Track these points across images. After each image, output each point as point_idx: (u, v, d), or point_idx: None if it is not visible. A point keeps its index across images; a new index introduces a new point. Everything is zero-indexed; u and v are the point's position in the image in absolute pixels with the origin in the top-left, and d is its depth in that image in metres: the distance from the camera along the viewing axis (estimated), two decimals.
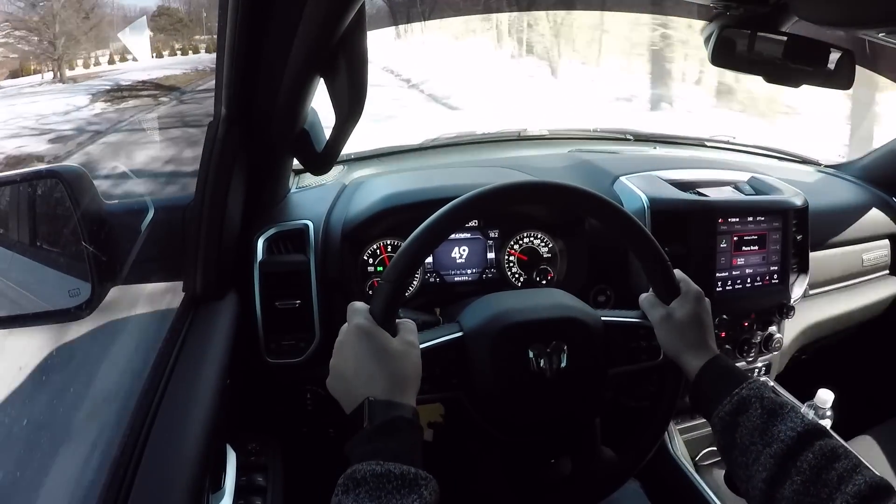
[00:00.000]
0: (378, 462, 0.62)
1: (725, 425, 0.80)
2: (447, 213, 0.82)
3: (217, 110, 0.94)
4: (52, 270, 0.88)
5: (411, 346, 0.77)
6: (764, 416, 0.77)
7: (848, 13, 0.91)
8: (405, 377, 0.73)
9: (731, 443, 0.79)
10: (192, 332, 0.93)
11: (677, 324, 0.89)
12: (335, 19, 0.78)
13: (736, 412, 0.79)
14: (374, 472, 0.62)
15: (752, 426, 0.77)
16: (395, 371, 0.73)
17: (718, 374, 0.85)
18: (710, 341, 0.89)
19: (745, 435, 0.77)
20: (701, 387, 0.86)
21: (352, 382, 0.73)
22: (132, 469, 0.69)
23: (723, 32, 1.10)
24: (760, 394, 0.79)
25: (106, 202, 0.91)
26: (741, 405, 0.79)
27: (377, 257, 1.22)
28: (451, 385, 0.87)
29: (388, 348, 0.74)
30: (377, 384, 0.71)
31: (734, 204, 1.33)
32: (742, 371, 0.86)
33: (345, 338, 0.75)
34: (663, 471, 1.29)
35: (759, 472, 0.74)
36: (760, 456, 0.74)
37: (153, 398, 0.79)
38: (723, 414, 0.80)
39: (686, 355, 0.88)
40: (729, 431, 0.79)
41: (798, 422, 0.75)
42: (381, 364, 0.72)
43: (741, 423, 0.78)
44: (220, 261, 0.99)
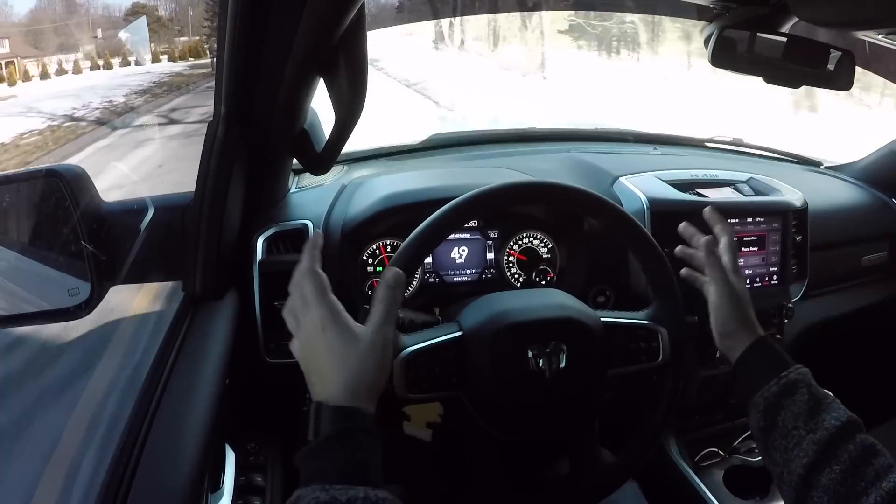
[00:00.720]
0: (323, 487, 0.56)
1: (770, 405, 0.80)
2: (446, 213, 0.82)
3: (217, 110, 0.94)
4: (52, 270, 0.88)
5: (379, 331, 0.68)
6: (811, 403, 0.77)
7: (848, 14, 0.91)
8: (367, 374, 0.66)
9: (772, 424, 0.79)
10: (192, 332, 0.93)
11: (736, 299, 0.90)
12: (335, 19, 0.78)
13: (782, 394, 0.80)
14: (317, 499, 0.55)
15: (798, 410, 0.78)
16: (351, 364, 0.65)
17: (766, 355, 0.86)
18: (755, 321, 0.90)
19: (789, 418, 0.78)
20: (747, 364, 0.87)
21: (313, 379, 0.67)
22: (131, 468, 0.69)
23: (723, 33, 1.10)
24: (808, 380, 0.80)
25: (105, 201, 0.91)
26: (788, 388, 0.80)
27: (377, 257, 1.22)
28: (450, 385, 0.87)
29: (353, 341, 0.66)
30: (330, 382, 0.65)
31: (733, 205, 1.33)
32: (787, 355, 0.86)
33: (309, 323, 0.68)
34: (662, 471, 1.29)
35: (799, 457, 0.74)
36: (803, 441, 0.75)
37: (152, 398, 0.79)
38: (768, 394, 0.81)
39: (736, 334, 0.89)
40: (772, 412, 0.80)
41: (842, 413, 0.76)
42: (341, 359, 0.65)
43: (787, 405, 0.79)
44: (219, 260, 0.99)
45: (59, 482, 0.96)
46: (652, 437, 0.96)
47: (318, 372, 0.66)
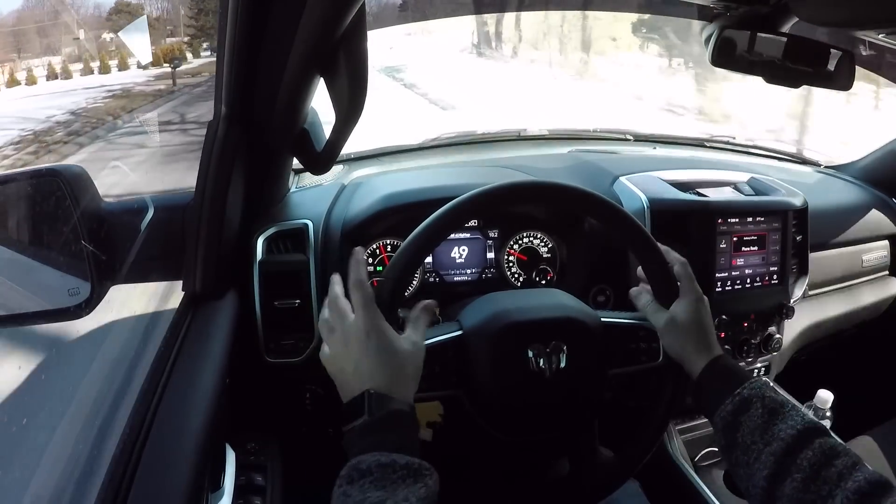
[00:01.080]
0: (382, 453, 0.63)
1: (727, 425, 0.80)
2: (446, 212, 0.82)
3: (217, 109, 0.94)
4: (52, 269, 0.88)
5: (416, 345, 0.77)
6: (765, 416, 0.78)
7: (848, 14, 0.91)
8: (406, 375, 0.74)
9: (732, 442, 0.80)
10: (192, 332, 0.93)
11: (681, 327, 0.89)
12: (335, 18, 0.78)
13: (737, 412, 0.80)
14: (378, 462, 0.62)
15: (754, 425, 0.78)
16: (397, 368, 0.73)
17: (720, 374, 0.85)
18: (712, 341, 0.89)
19: (747, 434, 0.78)
20: (703, 387, 0.86)
21: (353, 373, 0.73)
22: (132, 468, 0.69)
23: (723, 33, 1.10)
24: (762, 393, 0.80)
25: (105, 201, 0.91)
26: (742, 405, 0.80)
27: (377, 257, 1.22)
28: (450, 384, 0.87)
29: (394, 347, 0.74)
30: (378, 379, 0.71)
31: (734, 204, 1.33)
32: (744, 371, 0.86)
33: (352, 329, 0.74)
34: (662, 471, 1.29)
35: (759, 471, 0.75)
36: (761, 455, 0.75)
37: (152, 397, 0.79)
38: (724, 414, 0.81)
39: (690, 357, 0.88)
40: (730, 431, 0.80)
41: (798, 420, 0.76)
42: (384, 361, 0.72)
43: (742, 422, 0.79)
44: (219, 260, 0.99)
45: (59, 482, 0.96)
46: (652, 436, 0.96)
47: (358, 373, 0.72)
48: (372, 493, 0.60)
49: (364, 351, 0.72)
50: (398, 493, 0.61)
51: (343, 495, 0.61)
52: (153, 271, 1.02)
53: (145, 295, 1.43)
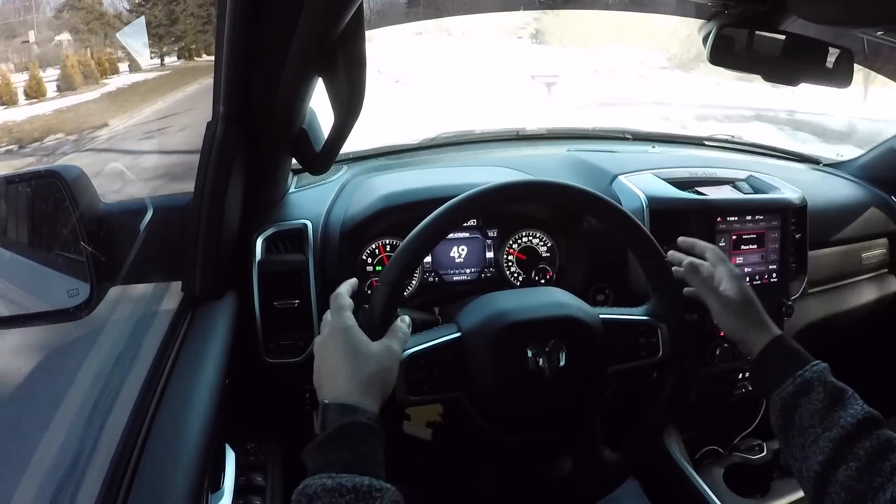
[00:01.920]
0: (329, 475, 0.60)
1: (786, 405, 0.81)
2: (445, 212, 0.82)
3: (216, 110, 0.94)
4: (51, 270, 0.88)
5: (389, 350, 0.76)
6: (826, 401, 0.78)
7: (846, 12, 0.91)
8: (369, 380, 0.71)
9: (789, 423, 0.80)
10: (191, 332, 0.93)
11: (738, 306, 0.92)
12: (333, 19, 0.78)
13: (798, 393, 0.80)
14: (324, 486, 0.60)
15: (814, 409, 0.78)
16: (360, 372, 0.71)
17: (782, 354, 0.87)
18: (768, 319, 0.91)
19: (805, 417, 0.79)
20: (763, 365, 0.88)
21: (322, 383, 0.73)
22: (131, 469, 0.69)
23: (721, 31, 1.10)
24: (824, 378, 0.81)
25: (104, 202, 0.91)
26: (804, 387, 0.80)
27: (376, 257, 1.22)
28: (450, 385, 0.87)
29: (360, 349, 0.73)
30: (338, 385, 0.70)
31: (733, 203, 1.33)
32: (806, 353, 0.87)
33: (325, 337, 0.75)
34: (662, 469, 1.29)
35: (815, 455, 0.75)
36: (819, 439, 0.76)
37: (152, 398, 0.79)
38: (784, 394, 0.81)
39: (751, 335, 0.90)
40: (788, 412, 0.81)
41: (858, 409, 0.77)
42: (347, 364, 0.71)
43: (802, 404, 0.79)
44: (218, 260, 0.99)
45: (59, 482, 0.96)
46: (652, 434, 0.96)
47: (329, 374, 0.72)
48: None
49: (331, 355, 0.73)
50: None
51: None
52: (152, 272, 1.02)
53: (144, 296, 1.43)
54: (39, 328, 0.84)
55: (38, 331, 0.85)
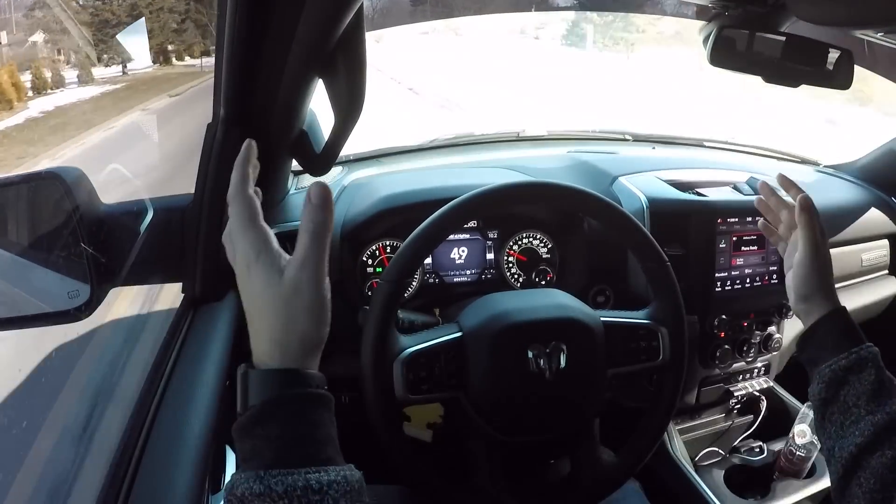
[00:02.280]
0: (258, 474, 0.47)
1: (835, 378, 0.79)
2: (445, 213, 0.82)
3: (216, 111, 0.94)
4: (51, 272, 0.88)
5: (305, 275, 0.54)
6: (876, 384, 0.77)
7: (846, 13, 0.91)
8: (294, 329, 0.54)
9: (833, 397, 0.79)
10: (192, 334, 0.93)
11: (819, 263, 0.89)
12: (334, 20, 0.78)
13: (850, 369, 0.79)
14: (251, 490, 0.47)
15: (862, 389, 0.77)
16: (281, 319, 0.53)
17: (840, 327, 0.84)
18: (834, 291, 0.89)
19: (852, 395, 0.77)
20: (818, 333, 0.85)
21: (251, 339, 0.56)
22: (132, 470, 0.69)
23: (721, 32, 1.10)
24: (878, 362, 0.79)
25: (105, 203, 0.91)
26: (857, 364, 0.79)
27: (376, 258, 1.22)
28: (449, 385, 0.87)
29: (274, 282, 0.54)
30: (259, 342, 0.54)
31: (733, 204, 1.33)
32: (862, 333, 0.85)
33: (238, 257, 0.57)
34: (663, 471, 1.29)
35: (853, 436, 0.74)
36: (861, 421, 0.75)
37: (153, 400, 0.79)
38: (836, 367, 0.80)
39: (811, 298, 0.88)
40: (835, 385, 0.79)
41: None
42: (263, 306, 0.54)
43: (851, 381, 0.78)
44: (219, 262, 0.99)
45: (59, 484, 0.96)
46: (653, 436, 0.96)
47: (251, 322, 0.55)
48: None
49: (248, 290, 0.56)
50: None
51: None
52: (153, 273, 1.01)
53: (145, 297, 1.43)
54: (39, 330, 0.84)
55: (38, 332, 0.85)
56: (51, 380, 1.15)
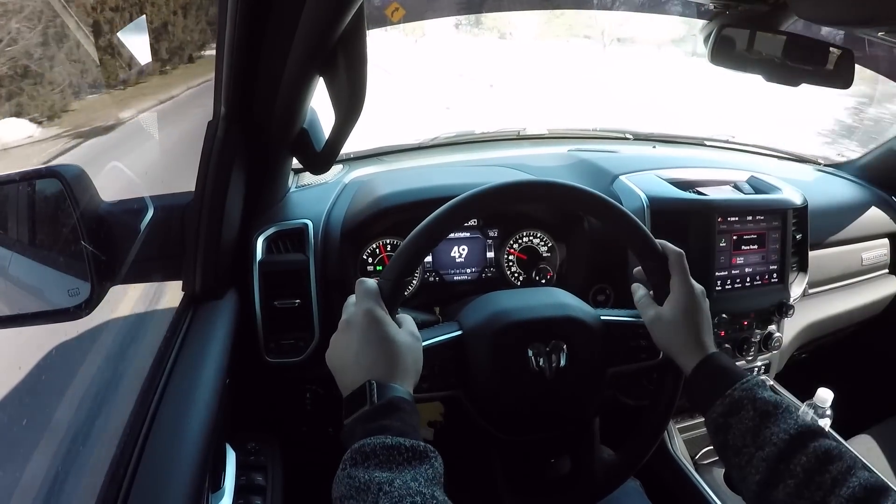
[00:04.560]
0: (386, 436, 0.63)
1: (718, 426, 0.78)
2: (445, 212, 0.82)
3: (216, 109, 0.94)
4: (52, 270, 0.88)
5: (416, 339, 0.77)
6: (756, 419, 0.75)
7: (847, 12, 0.91)
8: (406, 368, 0.73)
9: (723, 443, 0.78)
10: (192, 332, 0.93)
11: (669, 323, 0.86)
12: (335, 18, 0.77)
13: (728, 413, 0.77)
14: (384, 444, 0.62)
15: (745, 428, 0.75)
16: (398, 360, 0.72)
17: (712, 374, 0.82)
18: (706, 339, 0.86)
19: (738, 437, 0.76)
20: (694, 387, 0.84)
21: (354, 364, 0.73)
22: (132, 468, 0.69)
23: (722, 31, 1.10)
24: (753, 395, 0.77)
25: (105, 201, 0.91)
26: (733, 407, 0.77)
27: (377, 256, 1.22)
28: (450, 384, 0.87)
29: (396, 339, 0.74)
30: (380, 369, 0.71)
31: (733, 203, 1.33)
32: (738, 370, 0.83)
33: (353, 318, 0.75)
34: (663, 470, 1.29)
35: (752, 475, 0.73)
36: (753, 458, 0.73)
37: (152, 397, 0.79)
38: (715, 415, 0.79)
39: (681, 355, 0.86)
40: (721, 433, 0.78)
41: (791, 423, 0.73)
42: (385, 352, 0.72)
43: (733, 424, 0.77)
44: (219, 260, 0.99)
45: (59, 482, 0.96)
46: (653, 435, 0.96)
47: (358, 364, 0.72)
48: (378, 473, 0.59)
49: (365, 340, 0.73)
50: (405, 473, 0.60)
51: (347, 477, 0.60)
52: (153, 271, 1.02)
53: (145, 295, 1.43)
54: (40, 327, 0.84)
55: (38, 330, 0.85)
56: (51, 377, 1.15)
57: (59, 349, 1.15)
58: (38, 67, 2.92)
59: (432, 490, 0.60)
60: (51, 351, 1.14)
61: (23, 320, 0.83)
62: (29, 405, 1.08)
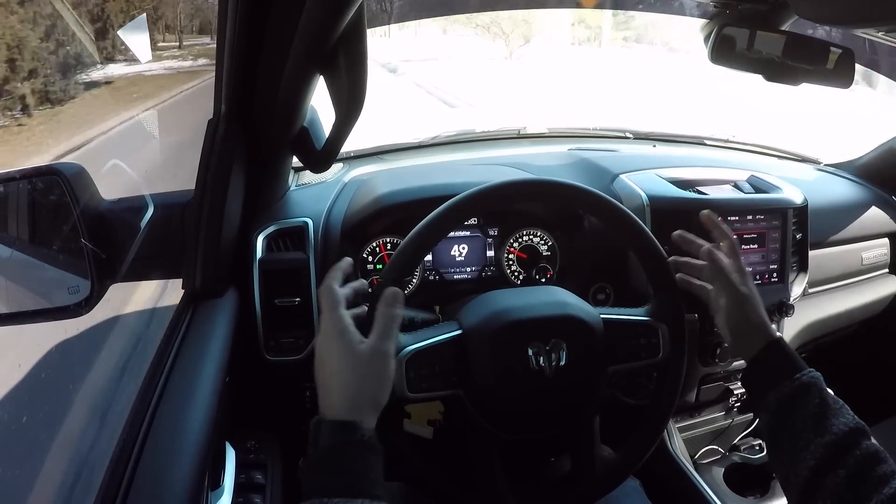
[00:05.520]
0: (322, 501, 0.60)
1: (781, 407, 0.81)
2: (446, 210, 0.82)
3: (217, 108, 0.94)
4: (52, 268, 0.88)
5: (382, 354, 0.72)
6: (821, 407, 0.78)
7: (847, 11, 0.91)
8: (363, 392, 0.69)
9: (782, 425, 0.80)
10: (192, 330, 0.93)
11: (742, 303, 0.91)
12: (335, 17, 0.78)
13: (794, 396, 0.80)
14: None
15: (808, 414, 0.78)
16: (353, 384, 0.69)
17: (780, 357, 0.86)
18: (767, 321, 0.91)
19: (799, 421, 0.79)
20: (760, 365, 0.87)
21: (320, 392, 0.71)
22: (131, 466, 0.69)
23: (722, 31, 1.10)
24: (821, 385, 0.81)
25: (105, 199, 0.91)
26: (801, 391, 0.80)
27: (377, 255, 1.22)
28: (450, 383, 0.87)
29: (353, 357, 0.70)
30: (332, 398, 0.69)
31: (734, 202, 1.33)
32: (801, 360, 0.86)
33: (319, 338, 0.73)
34: (662, 469, 1.29)
35: (806, 460, 0.75)
36: (811, 444, 0.76)
37: (152, 395, 0.79)
38: (781, 395, 0.81)
39: (747, 335, 0.90)
40: (783, 414, 0.81)
41: (850, 419, 0.77)
42: (340, 374, 0.69)
43: (798, 408, 0.79)
44: (219, 258, 0.99)
45: (59, 479, 0.96)
46: (653, 434, 0.96)
47: (325, 385, 0.70)
48: None
49: (328, 358, 0.71)
50: None
51: None
52: (153, 269, 1.02)
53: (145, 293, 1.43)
54: (40, 325, 0.84)
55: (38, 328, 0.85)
56: (51, 375, 1.15)
57: (59, 347, 1.15)
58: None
59: None
60: (51, 349, 1.14)
61: (23, 318, 0.83)
62: (29, 403, 1.08)
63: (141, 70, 3.34)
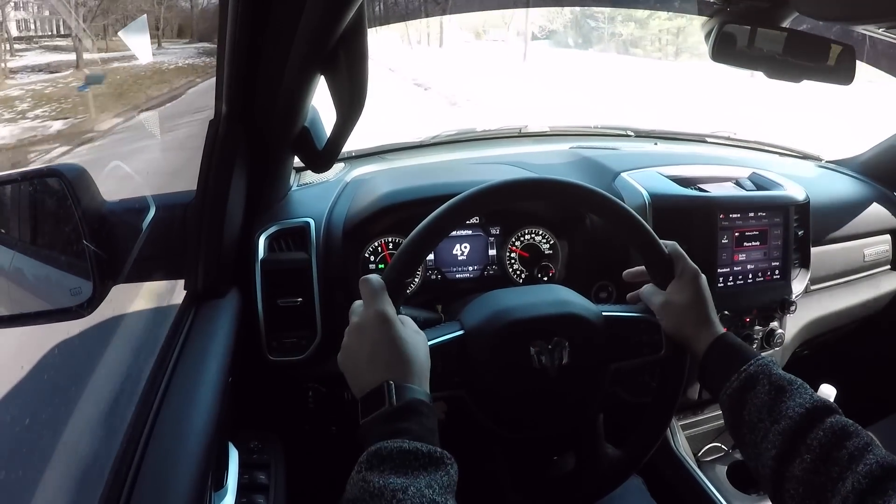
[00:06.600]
0: (404, 440, 0.63)
1: (734, 402, 0.79)
2: (448, 210, 0.82)
3: (218, 108, 0.94)
4: (54, 269, 0.88)
5: (423, 339, 0.78)
6: (772, 393, 0.76)
7: (848, 8, 0.91)
8: (421, 368, 0.74)
9: (739, 420, 0.79)
10: (194, 330, 0.93)
11: (677, 307, 0.89)
12: (336, 17, 0.77)
13: (743, 389, 0.79)
14: (400, 448, 0.62)
15: (760, 403, 0.76)
16: (412, 359, 0.73)
17: (725, 352, 0.84)
18: (714, 319, 0.88)
19: (753, 412, 0.77)
20: (708, 366, 0.85)
21: (367, 366, 0.73)
22: (135, 467, 0.69)
23: (723, 28, 1.10)
24: (768, 370, 0.79)
25: (107, 200, 0.91)
26: (748, 382, 0.79)
27: (378, 255, 1.22)
28: (452, 383, 0.87)
29: (408, 339, 0.74)
30: (395, 371, 0.71)
31: (735, 200, 1.33)
32: (749, 348, 0.85)
33: (364, 321, 0.75)
34: (666, 466, 1.29)
35: (767, 450, 0.73)
36: (769, 433, 0.74)
37: (155, 396, 0.79)
38: (730, 391, 0.80)
39: (692, 337, 0.88)
40: (737, 409, 0.79)
41: (807, 398, 0.74)
42: (399, 353, 0.72)
43: (749, 399, 0.78)
44: (221, 258, 0.99)
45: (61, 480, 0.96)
46: (656, 431, 0.96)
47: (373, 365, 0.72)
48: (393, 479, 0.59)
49: (377, 341, 0.73)
50: (420, 479, 0.59)
51: (362, 481, 0.59)
52: (155, 270, 1.01)
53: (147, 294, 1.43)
54: (42, 327, 0.84)
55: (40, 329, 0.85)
56: (53, 377, 1.15)
57: (61, 348, 1.15)
58: None
59: (446, 498, 0.60)
60: (53, 350, 1.14)
61: (25, 320, 0.83)
62: (31, 404, 1.08)
63: None
